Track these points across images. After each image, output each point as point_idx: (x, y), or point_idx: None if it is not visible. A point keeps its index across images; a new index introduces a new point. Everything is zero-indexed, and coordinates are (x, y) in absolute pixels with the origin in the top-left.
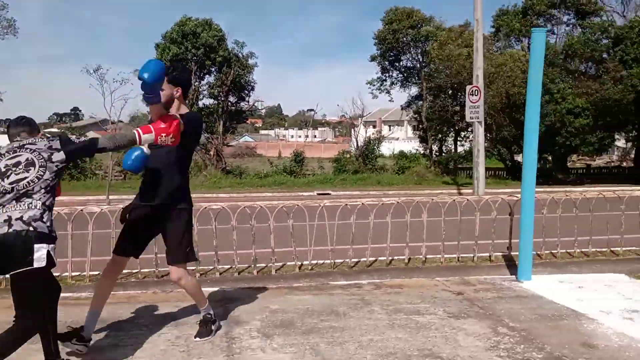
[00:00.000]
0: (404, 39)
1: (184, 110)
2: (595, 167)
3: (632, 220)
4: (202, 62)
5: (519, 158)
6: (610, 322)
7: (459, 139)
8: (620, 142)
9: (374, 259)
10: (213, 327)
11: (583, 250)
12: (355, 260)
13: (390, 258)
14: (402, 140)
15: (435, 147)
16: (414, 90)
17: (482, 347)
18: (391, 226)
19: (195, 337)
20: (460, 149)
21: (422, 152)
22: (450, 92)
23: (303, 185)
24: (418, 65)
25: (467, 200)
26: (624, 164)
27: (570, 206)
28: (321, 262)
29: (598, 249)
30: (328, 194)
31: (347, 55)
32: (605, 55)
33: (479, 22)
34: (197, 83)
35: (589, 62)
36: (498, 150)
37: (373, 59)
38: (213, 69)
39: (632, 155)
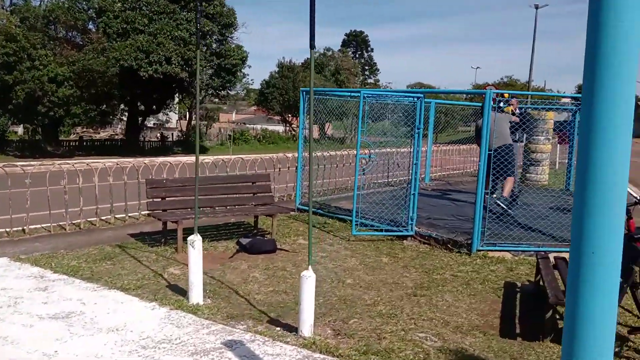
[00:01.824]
0: None
1: None
2: (98, 139)
3: (40, 197)
4: None
5: (18, 129)
6: None
7: None
8: (125, 116)
9: None
10: None
11: None
12: None
13: None
14: None
15: None
16: None
17: None
18: None
19: None
20: None
21: None
22: None
23: None
24: None
25: None
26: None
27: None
28: None
29: (9, 229)
30: None
31: None
32: (91, 26)
33: None
34: None
35: (72, 30)
36: None
37: None
38: None
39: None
